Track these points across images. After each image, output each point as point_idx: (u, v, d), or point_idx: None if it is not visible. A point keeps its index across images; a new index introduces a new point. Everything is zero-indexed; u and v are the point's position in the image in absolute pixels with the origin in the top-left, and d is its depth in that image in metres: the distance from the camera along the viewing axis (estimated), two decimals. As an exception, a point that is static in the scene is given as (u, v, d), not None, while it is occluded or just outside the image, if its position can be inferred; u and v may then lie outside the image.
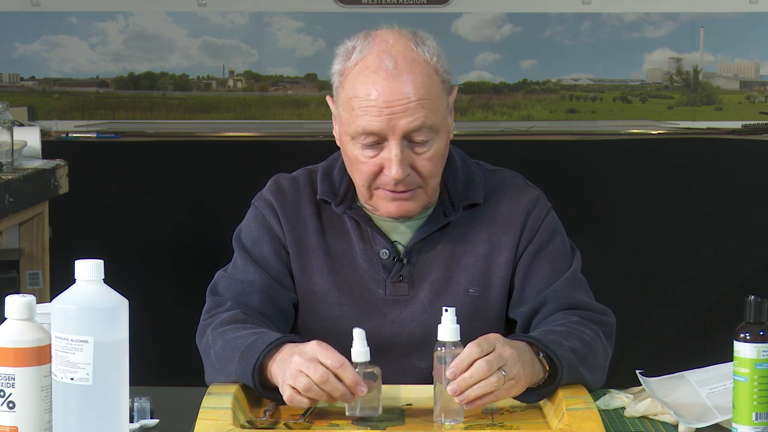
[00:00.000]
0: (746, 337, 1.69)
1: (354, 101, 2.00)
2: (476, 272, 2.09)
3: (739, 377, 1.69)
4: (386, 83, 1.97)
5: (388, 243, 2.09)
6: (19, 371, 1.51)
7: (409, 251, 2.09)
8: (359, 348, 1.81)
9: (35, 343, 1.52)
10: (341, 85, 2.03)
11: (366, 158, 2.02)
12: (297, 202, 2.13)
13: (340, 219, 2.12)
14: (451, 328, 1.80)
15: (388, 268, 2.09)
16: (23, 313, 1.52)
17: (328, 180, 2.13)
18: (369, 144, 2.01)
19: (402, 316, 2.08)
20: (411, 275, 2.09)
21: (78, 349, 1.49)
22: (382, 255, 2.09)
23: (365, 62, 2.00)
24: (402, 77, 1.97)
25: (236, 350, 1.92)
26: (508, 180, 2.17)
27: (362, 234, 2.10)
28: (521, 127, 5.49)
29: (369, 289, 2.09)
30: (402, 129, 1.98)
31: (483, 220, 2.11)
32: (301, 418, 1.81)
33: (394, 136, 1.98)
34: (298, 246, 2.11)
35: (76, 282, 1.52)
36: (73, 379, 1.50)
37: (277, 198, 2.14)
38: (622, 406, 1.91)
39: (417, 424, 1.83)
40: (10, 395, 1.51)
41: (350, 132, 2.02)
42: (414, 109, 1.97)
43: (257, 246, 2.12)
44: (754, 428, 1.69)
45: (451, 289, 2.09)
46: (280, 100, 5.65)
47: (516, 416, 1.86)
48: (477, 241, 2.10)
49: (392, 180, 2.01)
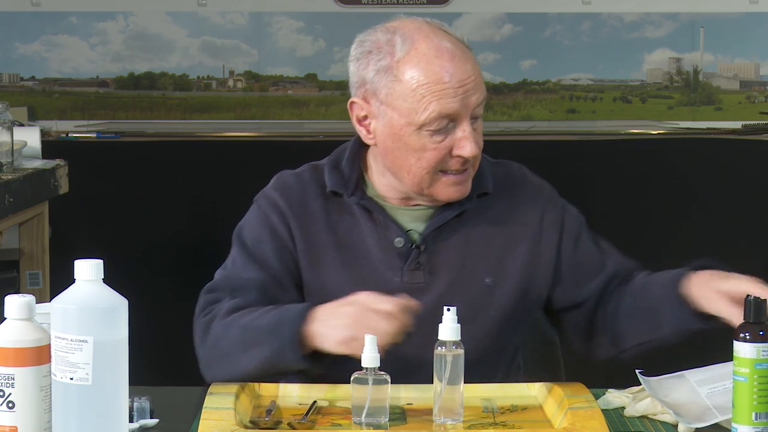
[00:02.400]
0: (746, 337, 1.69)
1: (422, 88, 1.99)
2: (492, 262, 2.11)
3: (739, 377, 1.69)
4: (453, 64, 1.99)
5: (402, 232, 2.10)
6: (18, 371, 1.51)
7: (426, 239, 2.10)
8: (370, 354, 1.79)
9: (35, 343, 1.52)
10: (396, 78, 2.02)
11: (435, 144, 2.02)
12: (303, 198, 2.13)
13: (350, 210, 2.11)
14: (451, 328, 1.80)
15: (404, 257, 2.09)
16: (23, 313, 1.52)
17: (337, 172, 2.13)
18: (439, 129, 2.01)
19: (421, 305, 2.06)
20: (428, 263, 2.09)
21: (77, 348, 1.49)
22: (396, 243, 2.09)
23: (418, 51, 2.00)
24: (462, 56, 2.01)
25: (259, 330, 1.92)
26: (515, 171, 2.21)
27: (375, 224, 2.10)
28: (521, 127, 5.49)
29: (385, 279, 2.08)
30: (473, 106, 2.01)
31: (496, 210, 2.14)
32: (304, 417, 1.81)
33: (467, 114, 2.01)
34: (308, 241, 2.10)
35: (75, 282, 1.52)
36: (73, 379, 1.50)
37: (282, 195, 2.13)
38: (622, 405, 1.91)
39: (419, 423, 1.83)
40: (9, 395, 1.51)
41: (419, 121, 2.01)
42: (478, 84, 2.02)
43: (258, 245, 2.11)
44: (754, 428, 1.69)
45: (466, 278, 2.10)
46: (280, 100, 5.65)
47: (517, 415, 1.86)
48: (492, 231, 2.12)
49: (468, 158, 2.03)
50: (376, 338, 1.80)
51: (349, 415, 1.81)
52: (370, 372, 1.78)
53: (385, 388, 1.78)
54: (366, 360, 1.79)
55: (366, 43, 2.06)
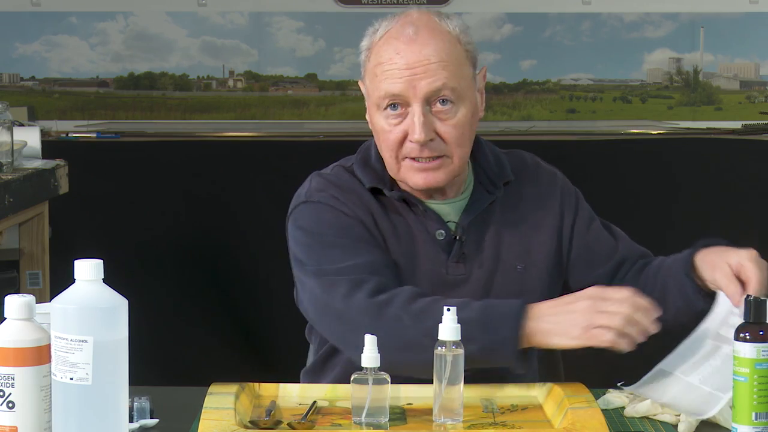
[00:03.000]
0: (746, 337, 1.69)
1: (378, 68, 2.05)
2: (520, 249, 2.14)
3: (739, 377, 1.69)
4: (407, 46, 2.03)
5: (443, 223, 2.12)
6: (18, 371, 1.51)
7: (464, 230, 2.11)
8: (370, 354, 1.79)
9: (35, 343, 1.52)
10: (368, 59, 2.09)
11: (390, 126, 2.05)
12: (351, 192, 2.12)
13: (392, 205, 2.12)
14: (451, 328, 1.80)
15: (446, 249, 2.11)
16: (23, 312, 1.52)
17: (370, 169, 2.14)
18: (392, 111, 2.04)
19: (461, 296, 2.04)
20: (468, 254, 2.11)
21: (77, 348, 1.49)
22: (438, 236, 2.11)
23: (389, 33, 2.06)
24: (423, 41, 2.04)
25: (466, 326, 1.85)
26: (529, 159, 2.25)
27: (417, 216, 2.12)
28: (521, 127, 5.49)
29: (432, 271, 2.10)
30: (423, 90, 2.02)
31: (519, 198, 2.17)
32: (304, 417, 1.81)
33: (416, 99, 2.02)
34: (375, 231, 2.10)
35: (75, 282, 1.52)
36: (73, 379, 1.50)
37: (334, 189, 2.11)
38: (622, 405, 1.91)
39: (419, 423, 1.83)
40: (9, 395, 1.51)
41: (375, 100, 2.06)
42: (434, 70, 2.02)
43: (347, 231, 2.06)
44: (754, 428, 1.69)
45: (501, 267, 2.12)
46: (280, 100, 5.64)
47: (517, 415, 1.86)
48: (518, 218, 2.16)
49: (416, 143, 2.03)
50: (375, 338, 1.80)
51: (349, 415, 1.81)
52: (370, 372, 1.78)
53: (385, 388, 1.78)
54: (366, 360, 1.79)
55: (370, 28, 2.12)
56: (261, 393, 1.95)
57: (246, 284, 4.56)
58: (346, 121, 5.40)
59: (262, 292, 4.53)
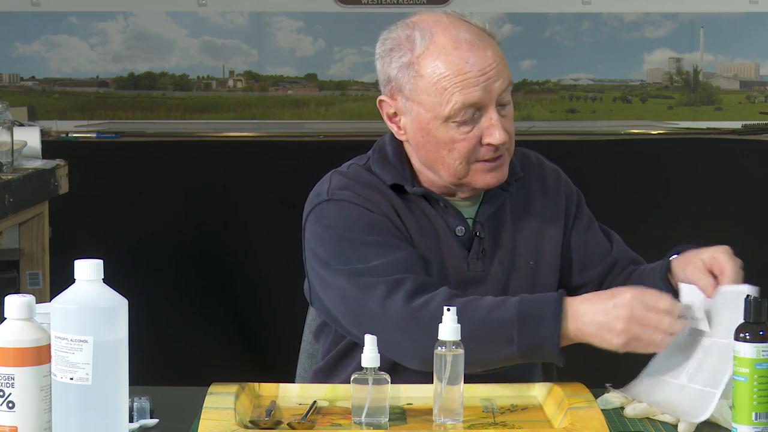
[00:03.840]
0: (746, 337, 1.69)
1: (444, 81, 2.01)
2: (532, 244, 2.15)
3: (739, 377, 1.69)
4: (472, 53, 2.02)
5: (463, 220, 2.13)
6: (18, 371, 1.51)
7: (483, 226, 2.12)
8: (370, 353, 1.79)
9: (35, 343, 1.52)
10: (417, 74, 2.03)
11: (464, 135, 2.04)
12: (374, 189, 2.11)
13: (414, 202, 2.12)
14: (452, 328, 1.80)
15: (466, 245, 2.12)
16: (23, 313, 1.52)
17: (390, 167, 2.13)
18: (466, 119, 2.03)
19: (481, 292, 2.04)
20: (487, 250, 2.12)
21: (77, 348, 1.49)
22: (458, 232, 2.12)
23: (437, 44, 2.03)
24: (482, 44, 2.03)
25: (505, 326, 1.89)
26: (533, 157, 2.26)
27: (438, 213, 2.12)
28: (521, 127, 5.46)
29: (455, 267, 2.11)
30: (497, 92, 2.03)
31: (527, 194, 2.19)
32: (304, 417, 1.81)
33: (492, 102, 2.03)
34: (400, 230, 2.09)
35: (75, 282, 1.52)
36: (73, 379, 1.50)
37: (357, 187, 2.10)
38: (621, 405, 1.91)
39: (419, 423, 1.83)
40: (9, 395, 1.51)
41: (445, 114, 2.03)
42: (501, 70, 2.04)
43: (376, 229, 2.06)
44: (754, 428, 1.69)
45: (516, 263, 2.14)
46: (280, 100, 5.64)
47: (517, 415, 1.86)
48: (529, 214, 2.17)
49: (497, 146, 2.04)
50: (375, 338, 1.80)
51: (349, 415, 1.81)
52: (370, 372, 1.78)
53: (385, 388, 1.78)
54: (366, 360, 1.79)
55: (388, 41, 2.08)
56: (261, 393, 1.95)
57: (246, 284, 4.56)
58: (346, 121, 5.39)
59: (262, 292, 4.53)
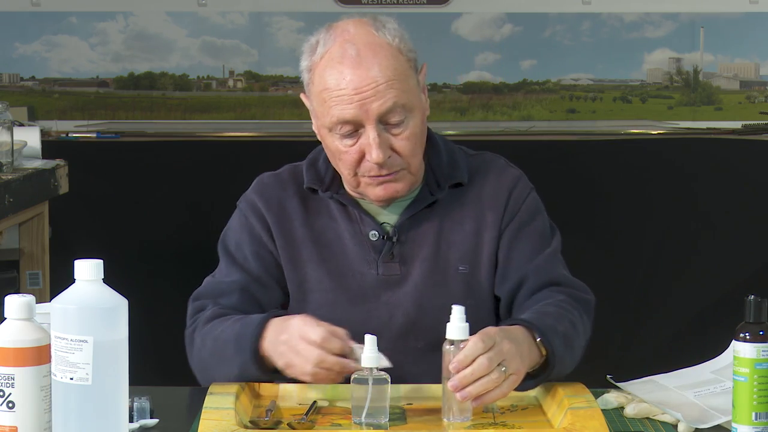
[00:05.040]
0: (746, 337, 1.69)
1: (325, 93, 2.03)
2: (465, 250, 2.11)
3: (739, 377, 1.69)
4: (352, 71, 2.00)
5: (377, 225, 2.12)
6: (18, 371, 1.51)
7: (399, 229, 2.11)
8: (370, 353, 1.79)
9: (35, 343, 1.52)
10: (311, 80, 2.07)
11: (346, 147, 2.05)
12: (282, 196, 2.16)
13: (327, 206, 2.14)
14: (460, 327, 1.80)
15: (378, 249, 2.11)
16: (23, 312, 1.52)
17: (313, 169, 2.16)
18: (346, 133, 2.04)
19: (396, 296, 2.09)
20: (402, 254, 2.11)
21: (77, 348, 1.49)
22: (371, 236, 2.11)
23: (329, 54, 2.03)
24: (367, 62, 2.00)
25: (227, 344, 1.96)
26: (491, 161, 2.20)
27: (350, 218, 2.13)
28: (521, 127, 5.48)
29: (361, 272, 2.10)
30: (375, 112, 2.01)
31: (468, 199, 2.14)
32: (304, 417, 1.81)
33: (369, 121, 2.01)
34: (287, 238, 2.13)
35: (75, 282, 1.52)
36: (73, 379, 1.50)
37: (260, 196, 2.17)
38: (621, 405, 1.91)
39: (419, 423, 1.83)
40: (9, 395, 1.51)
41: (326, 124, 2.05)
42: (384, 91, 2.00)
43: (239, 248, 2.15)
44: (754, 428, 1.69)
45: (441, 267, 2.10)
46: (280, 100, 5.64)
47: (517, 415, 1.86)
48: (463, 219, 2.13)
49: (374, 164, 2.03)
50: (375, 338, 1.80)
51: (349, 415, 1.81)
52: (370, 372, 1.78)
53: (385, 388, 1.78)
54: (366, 360, 1.79)
55: (306, 41, 2.10)
56: (261, 393, 1.95)
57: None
58: (346, 121, 5.38)
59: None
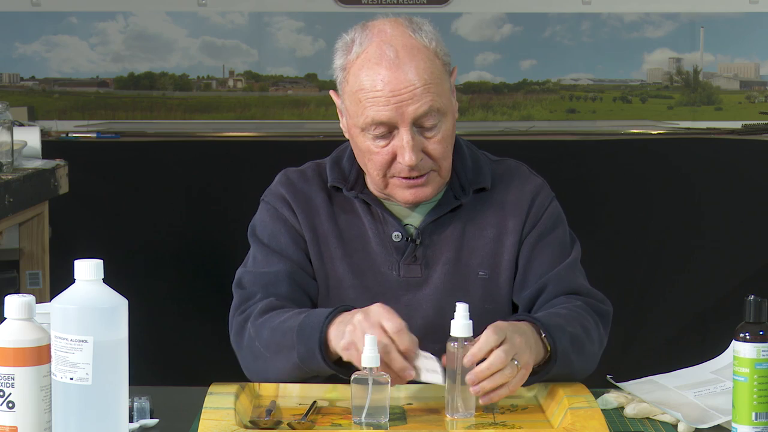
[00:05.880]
0: (746, 336, 1.69)
1: (360, 93, 2.03)
2: (485, 255, 2.12)
3: (739, 377, 1.69)
4: (390, 73, 2.00)
5: (400, 226, 2.12)
6: (18, 371, 1.51)
7: (422, 232, 2.11)
8: (370, 353, 1.79)
9: (35, 343, 1.52)
10: (345, 79, 2.06)
11: (378, 148, 2.05)
12: (308, 191, 2.16)
13: (352, 205, 2.14)
14: (464, 324, 1.81)
15: (401, 251, 2.11)
16: (23, 312, 1.52)
17: (338, 168, 2.16)
18: (379, 134, 2.04)
19: (416, 298, 2.10)
20: (424, 256, 2.11)
21: (77, 348, 1.49)
22: (394, 238, 2.11)
23: (366, 54, 2.03)
24: (405, 65, 2.00)
25: (289, 332, 1.94)
26: (515, 168, 2.21)
27: (374, 218, 2.13)
28: (521, 127, 5.48)
29: (382, 272, 2.11)
30: (411, 116, 2.01)
31: (491, 204, 2.15)
32: (304, 417, 1.81)
33: (404, 124, 2.02)
34: (314, 233, 2.13)
35: (75, 282, 1.52)
36: (73, 379, 1.50)
37: (287, 189, 2.16)
38: (621, 405, 1.91)
39: (419, 423, 1.83)
40: (9, 395, 1.51)
41: (360, 124, 2.04)
42: (420, 95, 2.00)
43: (275, 238, 2.14)
44: (754, 428, 1.69)
45: (461, 271, 2.11)
46: (280, 100, 5.64)
47: (517, 415, 1.86)
48: (485, 224, 2.14)
49: (406, 167, 2.03)
50: (376, 338, 1.80)
51: (349, 415, 1.81)
52: (370, 372, 1.78)
53: (385, 388, 1.78)
54: (366, 360, 1.79)
55: (340, 39, 2.10)
56: (261, 393, 1.95)
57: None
58: (346, 121, 5.39)
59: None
